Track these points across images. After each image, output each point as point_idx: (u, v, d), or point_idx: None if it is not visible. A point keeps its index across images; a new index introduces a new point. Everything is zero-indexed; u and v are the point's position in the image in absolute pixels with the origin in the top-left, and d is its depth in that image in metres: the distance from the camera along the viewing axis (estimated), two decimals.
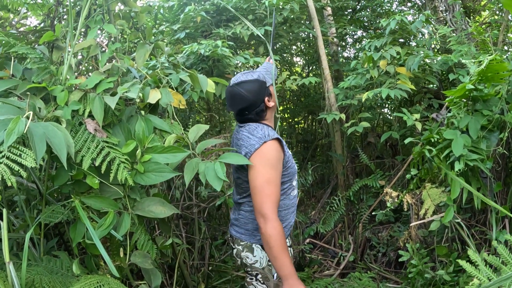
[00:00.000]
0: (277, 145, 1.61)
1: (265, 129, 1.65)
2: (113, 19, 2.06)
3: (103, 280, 1.37)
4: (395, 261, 3.20)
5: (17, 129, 1.27)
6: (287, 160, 1.67)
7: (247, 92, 1.68)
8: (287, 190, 1.73)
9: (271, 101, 1.73)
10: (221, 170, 1.56)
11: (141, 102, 1.83)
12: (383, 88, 2.79)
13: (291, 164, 1.71)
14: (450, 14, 3.68)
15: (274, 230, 1.51)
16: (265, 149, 1.58)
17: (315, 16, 3.50)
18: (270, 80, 1.76)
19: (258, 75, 1.72)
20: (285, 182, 1.70)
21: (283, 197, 1.71)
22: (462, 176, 1.98)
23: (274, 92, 1.77)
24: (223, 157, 1.61)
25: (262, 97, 1.71)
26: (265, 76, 1.74)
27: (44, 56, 1.80)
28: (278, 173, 1.59)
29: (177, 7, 3.60)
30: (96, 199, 1.56)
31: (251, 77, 1.71)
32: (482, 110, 1.99)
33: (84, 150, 1.49)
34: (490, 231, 2.14)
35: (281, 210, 1.71)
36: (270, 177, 1.55)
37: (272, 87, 1.76)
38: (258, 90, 1.70)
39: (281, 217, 1.71)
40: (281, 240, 1.51)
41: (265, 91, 1.71)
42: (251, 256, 1.72)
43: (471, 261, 1.67)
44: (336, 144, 3.70)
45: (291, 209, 1.77)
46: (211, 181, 1.55)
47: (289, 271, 1.51)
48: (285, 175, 1.68)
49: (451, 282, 2.11)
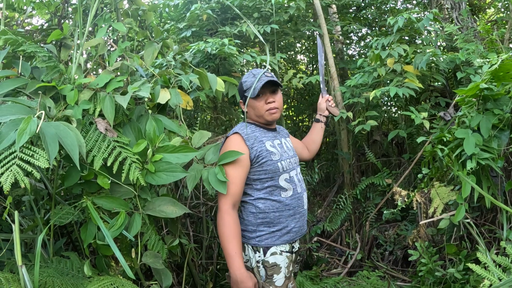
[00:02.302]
0: (236, 139, 1.69)
1: (236, 127, 1.77)
2: (121, 17, 2.04)
3: (117, 282, 1.36)
4: (402, 259, 3.19)
5: (28, 129, 1.25)
6: (257, 155, 1.68)
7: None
8: (273, 191, 1.71)
9: (244, 107, 1.79)
10: (222, 173, 1.61)
11: (150, 102, 1.82)
12: (391, 87, 2.77)
13: (267, 160, 1.69)
14: (456, 12, 3.65)
15: (221, 220, 1.63)
16: (226, 144, 1.72)
17: (321, 14, 3.47)
18: (251, 93, 1.74)
19: (246, 79, 1.78)
20: (264, 180, 1.70)
21: (267, 196, 1.70)
22: (473, 175, 1.96)
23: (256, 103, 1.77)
24: (221, 159, 1.64)
25: (241, 99, 1.82)
26: (253, 83, 1.72)
27: (52, 54, 1.79)
28: (236, 167, 1.65)
29: (182, 6, 3.58)
30: (107, 199, 1.55)
31: (244, 78, 1.80)
32: (493, 109, 1.98)
33: (95, 150, 1.48)
34: (500, 229, 2.13)
35: (269, 212, 1.70)
36: (227, 170, 1.64)
37: (251, 100, 1.76)
38: (239, 92, 1.85)
39: (270, 219, 1.71)
40: (227, 231, 1.61)
41: (242, 95, 1.81)
42: (242, 255, 1.71)
43: (479, 262, 1.66)
44: (342, 142, 3.68)
45: (286, 212, 1.73)
46: (216, 186, 1.62)
47: (233, 264, 1.60)
48: (260, 172, 1.69)
49: (462, 280, 2.10)
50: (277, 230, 1.71)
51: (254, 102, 1.76)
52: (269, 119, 1.77)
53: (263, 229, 1.71)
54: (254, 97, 1.74)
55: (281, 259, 1.72)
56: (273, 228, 1.71)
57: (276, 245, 1.72)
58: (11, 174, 1.19)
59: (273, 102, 1.75)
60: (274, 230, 1.71)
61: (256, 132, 1.75)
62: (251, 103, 1.77)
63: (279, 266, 1.71)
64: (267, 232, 1.71)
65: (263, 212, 1.70)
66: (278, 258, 1.71)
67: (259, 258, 1.71)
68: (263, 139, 1.74)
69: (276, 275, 1.70)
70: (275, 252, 1.71)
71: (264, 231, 1.71)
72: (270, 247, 1.71)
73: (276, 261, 1.71)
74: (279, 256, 1.71)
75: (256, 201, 1.71)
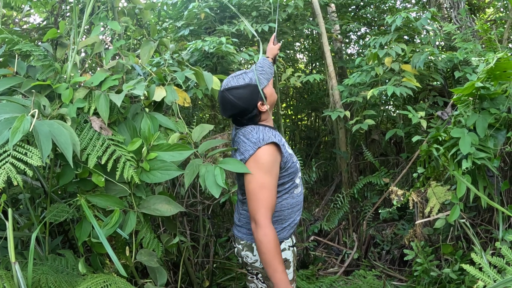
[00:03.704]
0: (272, 149, 1.57)
1: (260, 132, 1.60)
2: (117, 16, 2.04)
3: (110, 279, 1.36)
4: (399, 258, 3.19)
5: (22, 128, 1.25)
6: (286, 161, 1.63)
7: (238, 100, 1.61)
8: (290, 189, 1.71)
9: (265, 105, 1.65)
10: (221, 176, 1.53)
11: (146, 100, 1.82)
12: (388, 86, 2.77)
13: (291, 164, 1.67)
14: (455, 11, 3.65)
15: (265, 237, 1.50)
16: (259, 154, 1.55)
17: (319, 13, 3.47)
18: (265, 80, 1.66)
19: (251, 78, 1.63)
20: (286, 182, 1.69)
21: (286, 196, 1.70)
22: (469, 175, 1.96)
23: (270, 88, 1.69)
24: (223, 162, 1.59)
25: (255, 103, 1.63)
26: (260, 77, 1.64)
27: (48, 53, 1.79)
28: (273, 177, 1.57)
29: (180, 4, 3.58)
30: (102, 197, 1.55)
31: (242, 81, 1.62)
32: (490, 108, 1.97)
33: (90, 148, 1.48)
34: (496, 229, 2.13)
35: (284, 210, 1.70)
36: (264, 182, 1.53)
37: (268, 87, 1.67)
38: (249, 97, 1.61)
39: (283, 216, 1.71)
40: (272, 247, 1.50)
41: (257, 96, 1.62)
42: (251, 255, 1.72)
43: (474, 263, 1.66)
44: (340, 141, 3.69)
45: (296, 207, 1.76)
46: (209, 187, 1.53)
47: (280, 279, 1.50)
48: (285, 175, 1.66)
49: (457, 281, 2.10)
50: (287, 225, 1.72)
51: (269, 87, 1.68)
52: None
53: (277, 227, 1.69)
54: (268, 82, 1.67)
55: (289, 254, 1.73)
56: (285, 224, 1.71)
57: (285, 240, 1.72)
58: (4, 172, 1.20)
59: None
60: (285, 225, 1.72)
61: (277, 136, 1.65)
62: (269, 90, 1.67)
63: (289, 261, 1.72)
64: (280, 229, 1.70)
65: (279, 210, 1.69)
66: (287, 253, 1.72)
67: None
68: (284, 142, 1.68)
69: (287, 270, 1.71)
70: (284, 248, 1.72)
71: (277, 228, 1.69)
72: (280, 243, 1.70)
73: (286, 256, 1.72)
74: (288, 251, 1.72)
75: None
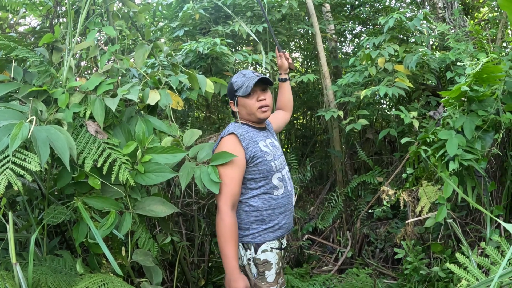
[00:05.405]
0: (231, 140, 1.71)
1: (230, 127, 1.78)
2: (111, 19, 2.07)
3: (107, 279, 1.41)
4: (392, 257, 3.24)
5: (21, 134, 1.29)
6: (253, 155, 1.71)
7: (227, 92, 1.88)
8: (268, 190, 1.76)
9: (235, 106, 1.82)
10: (214, 173, 1.64)
11: (140, 103, 1.85)
12: (381, 86, 2.81)
13: (262, 160, 1.73)
14: (449, 11, 3.68)
15: (220, 221, 1.65)
16: (220, 145, 1.74)
17: (313, 13, 3.50)
18: (242, 91, 1.76)
19: (236, 79, 1.80)
20: (258, 179, 1.74)
21: (263, 196, 1.75)
22: (457, 175, 2.00)
23: (245, 101, 1.79)
24: (214, 159, 1.67)
25: (231, 99, 1.85)
26: (244, 82, 1.75)
27: (44, 58, 1.82)
28: (233, 167, 1.68)
29: (175, 5, 3.60)
30: (98, 199, 1.59)
31: (233, 78, 1.82)
32: (478, 110, 2.01)
33: (86, 151, 1.52)
34: (485, 229, 2.18)
35: (262, 210, 1.75)
36: (223, 170, 1.67)
37: (242, 98, 1.78)
38: (229, 93, 1.86)
39: (263, 216, 1.76)
40: (226, 231, 1.63)
41: (232, 96, 1.82)
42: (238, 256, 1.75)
43: (459, 263, 1.69)
44: (335, 141, 3.73)
45: (278, 209, 1.79)
46: (208, 185, 1.64)
47: (227, 263, 1.63)
48: (255, 171, 1.73)
49: (446, 279, 2.15)
50: (269, 227, 1.77)
51: (246, 100, 1.78)
52: (261, 116, 1.79)
53: (256, 227, 1.75)
54: (246, 95, 1.76)
55: (272, 255, 1.77)
56: (266, 225, 1.76)
57: (268, 242, 1.77)
58: (4, 178, 1.24)
59: (264, 99, 1.78)
60: (266, 227, 1.76)
61: (250, 132, 1.78)
62: (243, 101, 1.79)
63: (270, 263, 1.76)
64: (260, 230, 1.76)
65: (256, 210, 1.75)
66: (269, 255, 1.77)
67: (250, 256, 1.76)
68: (257, 139, 1.77)
69: (267, 271, 1.76)
70: (266, 250, 1.76)
71: (257, 228, 1.75)
72: (261, 244, 1.76)
73: (267, 258, 1.76)
74: (270, 253, 1.77)
75: (250, 200, 1.75)
